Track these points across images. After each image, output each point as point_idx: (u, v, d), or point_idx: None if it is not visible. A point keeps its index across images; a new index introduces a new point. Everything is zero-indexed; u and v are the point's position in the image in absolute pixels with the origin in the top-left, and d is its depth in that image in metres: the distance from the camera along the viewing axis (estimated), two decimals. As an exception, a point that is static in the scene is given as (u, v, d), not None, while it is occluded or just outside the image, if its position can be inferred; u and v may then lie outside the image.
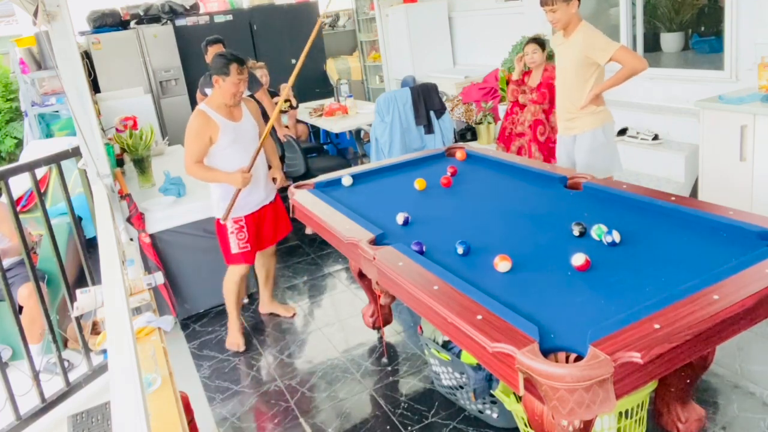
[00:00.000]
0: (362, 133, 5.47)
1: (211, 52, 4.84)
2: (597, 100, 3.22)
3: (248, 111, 3.23)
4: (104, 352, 2.70)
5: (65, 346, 3.23)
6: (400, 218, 2.48)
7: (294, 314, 3.65)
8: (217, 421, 2.75)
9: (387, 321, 3.21)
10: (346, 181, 3.10)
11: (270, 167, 3.36)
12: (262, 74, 5.06)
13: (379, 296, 3.00)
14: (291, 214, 3.03)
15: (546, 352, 1.45)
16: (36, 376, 2.64)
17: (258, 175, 3.19)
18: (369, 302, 3.26)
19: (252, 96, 4.57)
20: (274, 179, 3.35)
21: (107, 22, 6.75)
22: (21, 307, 2.98)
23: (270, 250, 3.49)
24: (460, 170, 3.10)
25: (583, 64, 3.17)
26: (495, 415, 2.42)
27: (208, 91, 4.90)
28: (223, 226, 3.18)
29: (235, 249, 3.18)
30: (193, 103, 7.26)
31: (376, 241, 2.25)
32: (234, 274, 3.26)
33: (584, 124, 3.28)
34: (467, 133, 5.64)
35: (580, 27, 3.16)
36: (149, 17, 7.06)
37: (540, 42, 4.68)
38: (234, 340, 3.35)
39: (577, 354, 1.47)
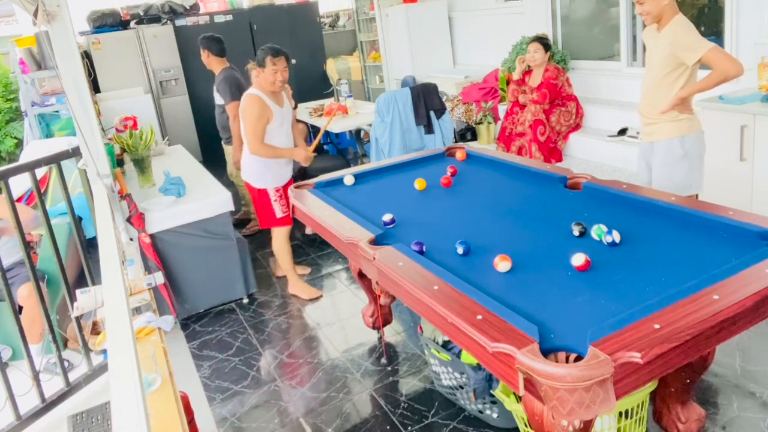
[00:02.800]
0: (362, 133, 5.47)
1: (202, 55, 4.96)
2: (681, 106, 2.84)
3: (286, 96, 3.69)
4: (104, 352, 2.70)
5: (65, 346, 3.23)
6: (386, 215, 2.47)
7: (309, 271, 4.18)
8: (217, 421, 2.76)
9: (387, 321, 3.21)
10: (348, 180, 3.10)
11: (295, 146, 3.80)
12: None
13: (379, 296, 3.00)
14: (291, 214, 3.04)
15: (546, 352, 1.45)
16: (36, 376, 2.64)
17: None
18: (369, 302, 3.26)
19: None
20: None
21: (107, 22, 6.76)
22: (21, 307, 2.98)
23: None
24: (460, 170, 3.10)
25: (670, 63, 2.83)
26: (495, 415, 2.42)
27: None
28: (266, 195, 3.69)
29: (279, 214, 3.73)
30: (194, 103, 7.27)
31: (376, 241, 2.25)
32: (280, 235, 3.80)
33: (661, 132, 2.96)
34: (467, 133, 5.64)
35: (673, 21, 2.80)
36: (149, 17, 7.07)
37: (543, 41, 4.69)
38: (308, 291, 3.84)
39: (577, 354, 1.47)
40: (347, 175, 3.13)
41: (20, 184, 3.49)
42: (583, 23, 5.68)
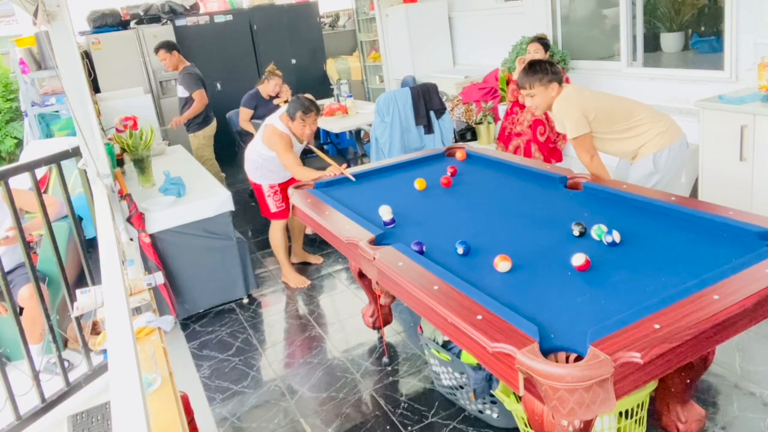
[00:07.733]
0: (362, 133, 5.47)
1: (160, 57, 5.48)
2: (640, 138, 2.92)
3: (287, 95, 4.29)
4: (104, 352, 2.70)
5: (65, 346, 3.22)
6: (386, 215, 2.47)
7: (322, 261, 4.31)
8: (217, 421, 2.75)
9: (387, 321, 3.21)
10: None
11: None
12: (276, 83, 5.17)
13: (379, 296, 3.00)
14: (292, 214, 3.04)
15: (546, 352, 1.46)
16: (36, 376, 2.64)
17: None
18: (369, 302, 3.26)
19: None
20: None
21: (107, 22, 6.76)
22: (21, 308, 2.98)
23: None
24: (460, 170, 3.10)
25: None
26: (495, 415, 2.42)
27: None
28: (260, 190, 3.93)
29: (273, 209, 3.96)
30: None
31: (376, 241, 2.25)
32: (275, 227, 4.02)
33: (641, 153, 2.96)
34: (467, 133, 5.64)
35: (553, 106, 2.90)
36: (149, 17, 7.06)
37: (543, 42, 4.68)
38: (297, 280, 4.01)
39: (577, 354, 1.47)
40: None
41: (20, 184, 3.49)
42: (583, 23, 5.68)
